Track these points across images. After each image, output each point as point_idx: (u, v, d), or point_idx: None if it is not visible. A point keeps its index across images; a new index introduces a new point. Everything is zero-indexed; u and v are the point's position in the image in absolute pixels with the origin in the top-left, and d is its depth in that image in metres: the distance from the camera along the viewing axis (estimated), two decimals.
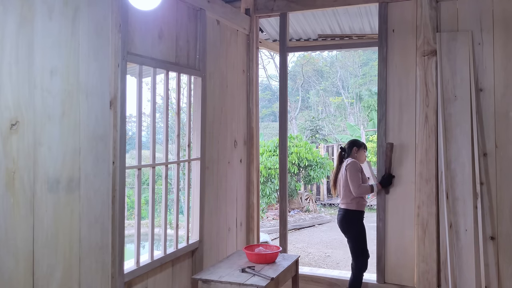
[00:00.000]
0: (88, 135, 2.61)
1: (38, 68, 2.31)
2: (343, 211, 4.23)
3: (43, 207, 2.34)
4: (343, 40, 5.78)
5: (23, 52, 2.23)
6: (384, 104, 4.18)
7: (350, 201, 4.18)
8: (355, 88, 21.00)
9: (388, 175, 4.13)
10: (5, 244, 2.15)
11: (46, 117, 2.36)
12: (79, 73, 2.55)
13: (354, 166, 4.18)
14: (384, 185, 4.14)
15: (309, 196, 12.06)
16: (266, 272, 3.40)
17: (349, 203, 4.18)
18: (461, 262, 3.77)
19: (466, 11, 3.92)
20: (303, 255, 7.81)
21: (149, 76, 3.74)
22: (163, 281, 3.41)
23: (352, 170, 4.15)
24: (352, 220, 4.18)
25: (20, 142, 2.21)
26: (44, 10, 2.34)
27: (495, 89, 3.82)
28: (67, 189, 2.47)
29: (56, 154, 2.41)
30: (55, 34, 2.40)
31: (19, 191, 2.21)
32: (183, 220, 3.79)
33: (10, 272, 2.18)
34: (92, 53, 2.63)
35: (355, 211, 4.17)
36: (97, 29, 2.67)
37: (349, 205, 4.19)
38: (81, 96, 2.57)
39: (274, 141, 11.34)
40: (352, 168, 4.16)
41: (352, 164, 4.19)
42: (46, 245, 2.36)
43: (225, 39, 4.27)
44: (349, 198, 4.17)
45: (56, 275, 2.42)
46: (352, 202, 4.17)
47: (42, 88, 2.33)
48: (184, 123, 4.12)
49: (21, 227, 2.23)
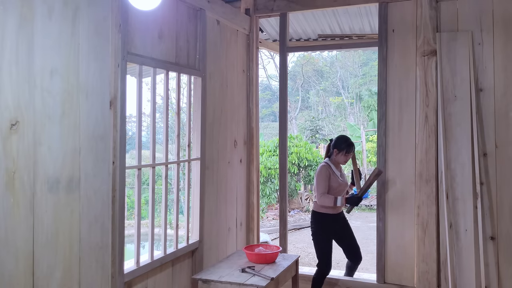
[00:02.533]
0: (88, 135, 2.61)
1: (38, 68, 2.31)
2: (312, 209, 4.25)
3: (43, 207, 2.34)
4: (343, 40, 5.78)
5: (23, 52, 2.23)
6: (384, 104, 4.18)
7: (316, 201, 4.14)
8: (355, 88, 21.01)
9: (359, 197, 4.00)
10: (5, 244, 2.15)
11: (46, 117, 2.36)
12: (79, 73, 2.55)
13: (321, 172, 4.02)
14: (350, 203, 4.01)
15: (309, 196, 12.07)
16: (266, 272, 3.40)
17: (315, 203, 4.17)
18: (461, 262, 3.77)
19: (466, 11, 3.92)
20: (303, 255, 7.81)
21: (149, 76, 3.74)
22: (163, 281, 3.41)
23: (319, 177, 4.03)
24: (314, 220, 4.16)
25: (20, 142, 2.21)
26: (44, 10, 2.34)
27: (495, 89, 3.82)
28: (67, 189, 2.47)
29: (56, 154, 2.41)
30: (55, 34, 2.40)
31: (19, 191, 2.21)
32: (183, 220, 3.79)
33: (10, 272, 2.18)
34: (92, 53, 2.63)
35: (317, 212, 4.13)
36: (97, 29, 2.67)
37: (315, 205, 4.18)
38: (81, 96, 2.57)
39: (274, 141, 11.35)
40: (320, 174, 4.03)
41: (321, 170, 4.04)
42: (46, 245, 2.36)
43: (225, 39, 4.27)
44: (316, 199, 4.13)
45: (56, 275, 2.42)
46: (316, 204, 4.15)
47: (42, 88, 2.33)
48: (184, 123, 4.12)
49: (21, 227, 2.23)
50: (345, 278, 4.33)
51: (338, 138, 4.18)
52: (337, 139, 4.18)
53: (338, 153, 4.09)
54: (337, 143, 4.12)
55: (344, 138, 4.18)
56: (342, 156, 4.09)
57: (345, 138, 4.18)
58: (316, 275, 4.11)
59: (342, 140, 4.12)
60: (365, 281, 4.22)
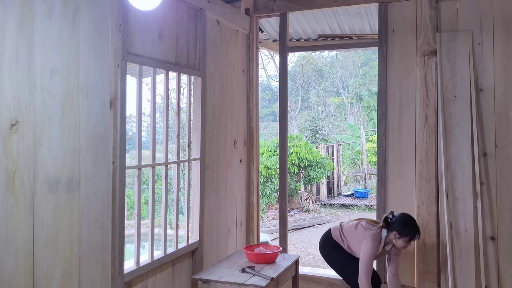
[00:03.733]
0: (88, 135, 2.61)
1: (38, 68, 2.31)
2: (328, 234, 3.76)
3: (43, 207, 2.34)
4: (343, 40, 5.78)
5: (23, 52, 2.23)
6: (384, 104, 4.18)
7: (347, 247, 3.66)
8: (355, 88, 21.00)
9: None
10: (5, 244, 2.15)
11: (46, 117, 2.36)
12: (79, 73, 2.55)
13: (371, 248, 3.41)
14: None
15: (309, 196, 12.06)
16: (266, 272, 3.40)
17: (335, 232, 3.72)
18: (461, 262, 3.77)
19: (466, 11, 3.92)
20: (303, 255, 7.81)
21: (149, 76, 3.74)
22: (163, 281, 3.41)
23: (367, 254, 3.40)
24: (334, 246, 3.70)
25: (20, 142, 2.21)
26: (44, 10, 2.34)
27: (495, 89, 3.82)
28: (67, 189, 2.47)
29: (56, 154, 2.41)
30: (55, 34, 2.40)
31: (19, 191, 2.21)
32: (183, 220, 3.79)
33: (10, 272, 2.18)
34: (92, 53, 2.63)
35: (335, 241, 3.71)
36: (97, 29, 2.67)
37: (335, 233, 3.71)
38: (81, 96, 2.57)
39: (274, 141, 11.34)
40: (368, 250, 3.40)
41: (370, 245, 3.41)
42: (46, 245, 2.36)
43: (225, 39, 4.27)
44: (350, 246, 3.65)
45: (56, 275, 2.42)
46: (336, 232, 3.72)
47: (42, 88, 2.33)
48: (184, 123, 4.12)
49: (21, 227, 2.23)
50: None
51: (406, 222, 3.47)
52: (404, 222, 3.47)
53: (399, 238, 3.44)
54: (400, 227, 3.44)
55: (411, 222, 3.49)
56: (402, 242, 3.46)
57: (412, 222, 3.50)
58: None
59: (407, 225, 3.44)
60: None
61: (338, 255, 3.70)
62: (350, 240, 3.63)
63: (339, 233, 3.71)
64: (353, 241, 3.60)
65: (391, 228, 3.47)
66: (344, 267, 3.68)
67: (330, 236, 3.75)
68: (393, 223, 3.48)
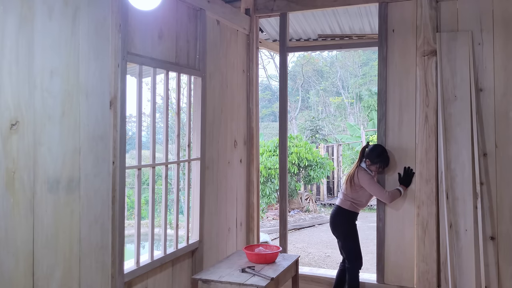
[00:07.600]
0: (88, 135, 2.61)
1: (38, 68, 2.31)
2: (336, 207, 4.17)
3: (43, 207, 2.34)
4: (343, 40, 5.78)
5: (23, 52, 2.23)
6: (384, 104, 4.18)
7: (345, 200, 4.10)
8: (355, 88, 21.00)
9: (409, 174, 4.07)
10: (5, 244, 2.15)
11: (46, 117, 2.36)
12: (79, 73, 2.55)
13: (366, 176, 4.03)
14: (407, 185, 4.06)
15: (309, 196, 12.06)
16: (266, 272, 3.40)
17: (344, 201, 4.11)
18: (461, 262, 3.77)
19: (466, 11, 3.92)
20: (303, 255, 7.81)
21: (149, 76, 3.74)
22: (163, 281, 3.41)
23: (369, 182, 4.02)
24: (349, 219, 4.12)
25: (20, 142, 2.21)
26: (44, 10, 2.34)
27: (495, 89, 3.82)
28: (67, 189, 2.47)
29: (56, 154, 2.41)
30: (55, 34, 2.40)
31: (19, 191, 2.21)
32: (183, 220, 3.79)
33: (10, 272, 2.18)
34: (92, 53, 2.63)
35: (350, 212, 4.10)
36: (97, 29, 2.67)
37: (347, 204, 4.10)
38: (81, 96, 2.57)
39: (274, 141, 11.34)
40: (366, 179, 4.02)
41: (364, 176, 4.04)
42: (46, 245, 2.36)
43: (225, 39, 4.27)
44: (347, 197, 4.10)
45: (56, 275, 2.42)
46: (346, 202, 4.09)
47: (42, 88, 2.33)
48: (184, 123, 4.12)
49: (21, 227, 2.23)
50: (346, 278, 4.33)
51: (371, 149, 4.10)
52: (373, 150, 4.08)
53: (370, 165, 4.07)
54: (370, 154, 4.07)
55: (380, 149, 4.10)
56: (374, 168, 4.08)
57: (381, 149, 4.10)
58: (355, 271, 4.08)
59: (375, 151, 4.07)
60: (365, 281, 4.21)
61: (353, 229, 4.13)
62: (354, 195, 4.09)
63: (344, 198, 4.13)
64: (355, 190, 4.08)
65: (366, 157, 4.10)
66: (356, 240, 4.10)
67: (341, 208, 4.12)
68: (367, 154, 4.10)
